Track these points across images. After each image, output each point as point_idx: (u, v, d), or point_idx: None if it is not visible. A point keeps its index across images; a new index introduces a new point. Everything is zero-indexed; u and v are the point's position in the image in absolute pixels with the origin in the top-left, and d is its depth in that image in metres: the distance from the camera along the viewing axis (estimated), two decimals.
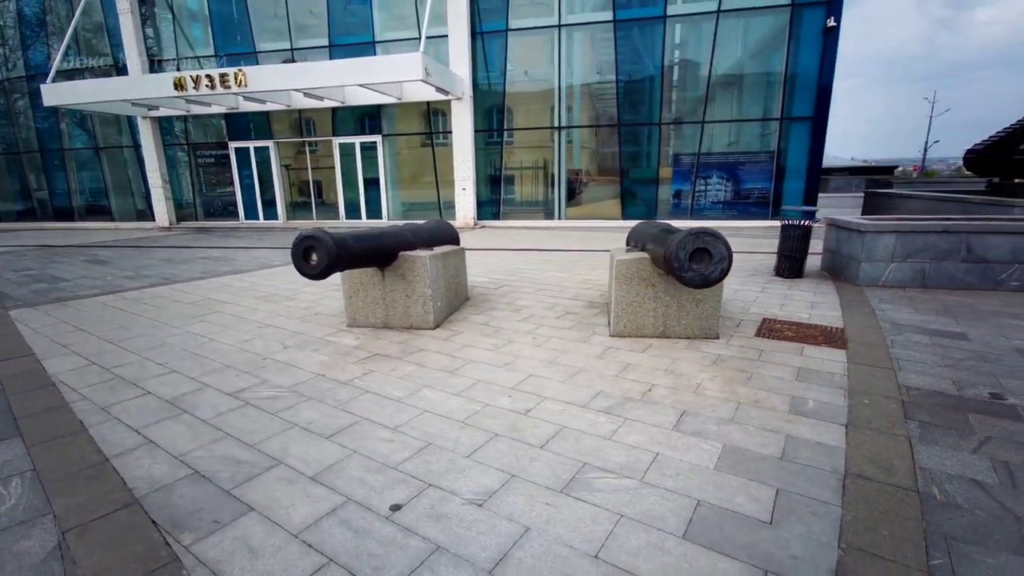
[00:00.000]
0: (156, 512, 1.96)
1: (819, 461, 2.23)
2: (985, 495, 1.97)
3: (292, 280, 6.70)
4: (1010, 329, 4.06)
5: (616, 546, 1.74)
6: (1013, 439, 2.38)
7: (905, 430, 2.49)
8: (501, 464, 2.26)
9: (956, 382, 3.05)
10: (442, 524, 1.87)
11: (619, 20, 12.34)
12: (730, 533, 1.79)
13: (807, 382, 3.08)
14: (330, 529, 1.85)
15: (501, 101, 13.39)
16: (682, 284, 2.99)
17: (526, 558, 1.69)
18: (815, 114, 11.90)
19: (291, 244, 3.49)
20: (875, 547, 1.71)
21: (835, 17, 11.30)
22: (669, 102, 12.77)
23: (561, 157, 13.51)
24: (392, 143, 14.55)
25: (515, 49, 13.11)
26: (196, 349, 3.94)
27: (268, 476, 2.20)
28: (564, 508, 1.95)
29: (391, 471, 2.22)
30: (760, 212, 12.81)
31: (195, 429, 2.64)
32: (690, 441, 2.42)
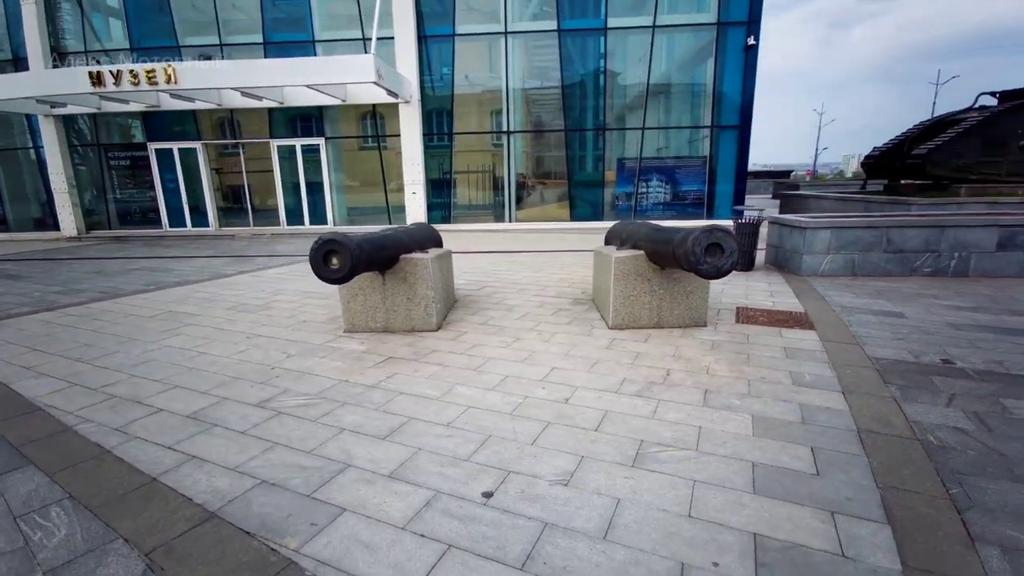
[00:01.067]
0: (243, 522, 1.91)
1: (834, 422, 2.59)
2: (969, 438, 2.42)
3: (258, 289, 6.38)
4: (935, 307, 4.81)
5: (702, 506, 1.95)
6: (972, 394, 2.89)
7: (889, 392, 2.94)
8: (567, 448, 2.41)
9: (912, 352, 3.60)
10: (539, 504, 1.99)
11: (563, 30, 12.84)
12: (790, 486, 2.06)
13: (796, 359, 3.50)
14: (434, 519, 1.91)
15: (449, 105, 13.43)
16: (698, 276, 3.30)
17: (630, 523, 1.86)
18: (740, 123, 13.09)
19: (311, 249, 3.41)
20: (904, 484, 2.06)
21: (754, 36, 12.52)
22: (611, 109, 13.45)
23: (510, 161, 13.78)
24: (336, 146, 14.08)
25: (462, 54, 13.21)
26: (189, 363, 3.70)
27: (343, 479, 2.19)
28: (642, 479, 2.13)
29: (465, 463, 2.30)
30: (696, 212, 13.83)
31: (237, 441, 2.53)
32: (722, 415, 2.70)
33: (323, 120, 13.71)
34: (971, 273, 6.27)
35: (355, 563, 1.70)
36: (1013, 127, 11.04)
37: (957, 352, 3.58)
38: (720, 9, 12.52)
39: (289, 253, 10.09)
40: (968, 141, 11.26)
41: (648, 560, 1.68)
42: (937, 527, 1.81)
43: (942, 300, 5.10)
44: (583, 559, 1.69)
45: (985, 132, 11.18)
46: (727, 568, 1.64)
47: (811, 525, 1.83)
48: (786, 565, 1.64)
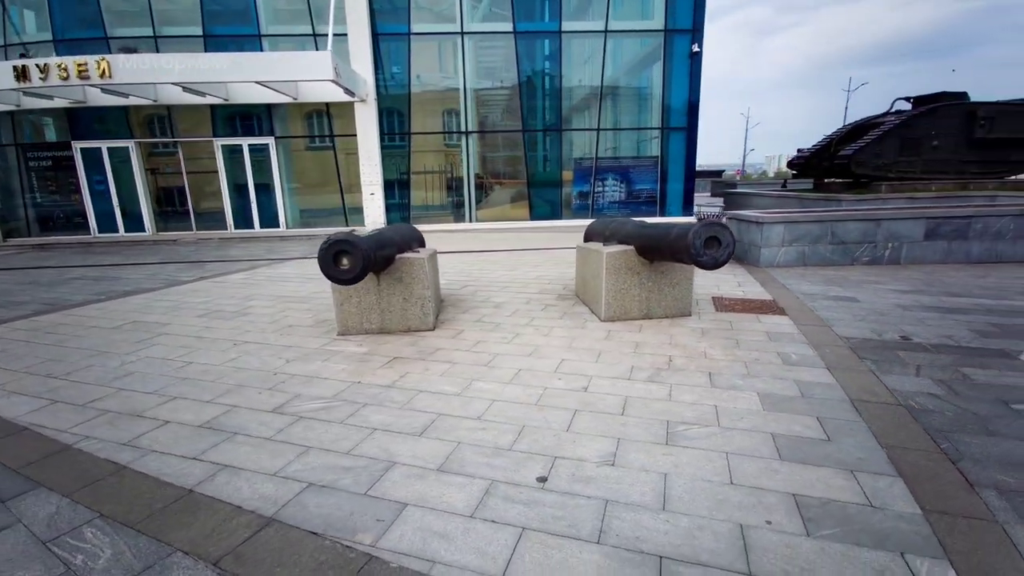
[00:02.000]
0: (306, 524, 1.89)
1: (829, 394, 2.88)
2: (943, 402, 2.77)
3: (227, 296, 6.08)
4: (881, 292, 5.36)
5: (740, 474, 2.14)
6: (934, 364, 3.29)
7: (865, 367, 3.28)
8: (600, 432, 2.53)
9: (874, 331, 4.03)
10: (594, 484, 2.10)
11: (519, 32, 13.02)
12: (809, 452, 2.29)
13: (779, 342, 3.82)
14: (498, 506, 1.97)
15: (406, 105, 13.26)
16: (697, 267, 3.53)
17: (682, 495, 2.01)
18: (688, 125, 13.82)
19: (319, 249, 3.32)
20: (902, 443, 2.34)
21: (698, 44, 13.26)
22: (567, 110, 13.79)
23: (469, 161, 13.80)
24: (287, 145, 13.53)
25: (418, 53, 13.09)
26: (179, 373, 3.51)
27: (393, 476, 2.20)
28: (680, 455, 2.29)
29: (509, 453, 2.37)
30: (650, 210, 14.44)
31: (266, 448, 2.46)
32: (731, 394, 2.93)
33: (272, 118, 13.12)
34: (903, 261, 7.01)
35: (436, 552, 1.73)
36: (926, 129, 12.36)
37: (911, 330, 4.03)
38: (667, 17, 13.15)
39: (246, 258, 9.61)
40: (887, 142, 12.49)
41: (710, 524, 1.83)
42: (939, 477, 2.09)
43: (885, 285, 5.69)
44: (651, 529, 1.82)
45: (902, 134, 12.45)
46: (779, 525, 1.82)
47: (838, 483, 2.06)
48: (828, 518, 1.85)
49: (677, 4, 13.06)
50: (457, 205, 14.24)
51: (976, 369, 3.19)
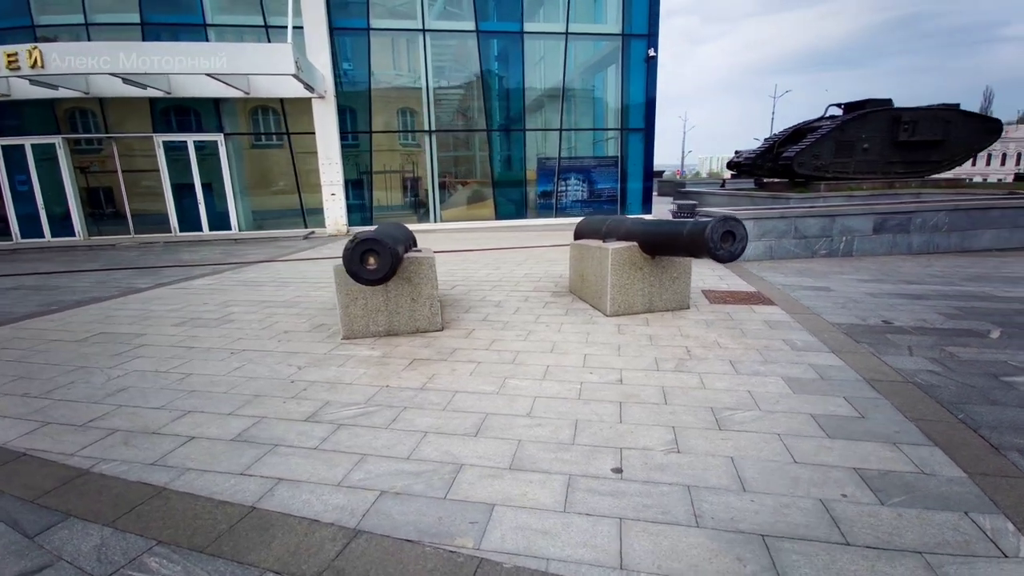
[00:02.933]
0: (397, 532, 1.81)
1: (844, 376, 3.10)
2: (943, 378, 3.05)
3: (197, 303, 5.67)
4: (848, 282, 5.81)
5: (799, 453, 2.26)
6: (921, 345, 3.62)
7: (864, 349, 3.56)
8: (653, 422, 2.60)
9: (858, 317, 4.37)
10: (669, 471, 2.15)
11: (481, 31, 12.99)
12: (851, 428, 2.46)
13: (779, 330, 4.06)
14: (586, 499, 1.98)
15: (367, 102, 12.88)
16: (714, 260, 3.67)
17: (755, 474, 2.10)
18: (645, 126, 14.32)
19: (345, 248, 3.16)
20: (925, 416, 2.57)
21: (654, 48, 13.77)
22: (530, 110, 13.91)
23: (433, 160, 13.61)
24: (238, 143, 12.78)
25: (379, 49, 12.76)
26: (181, 386, 3.25)
27: (466, 477, 2.15)
28: (736, 439, 2.40)
29: (573, 447, 2.38)
30: (611, 209, 14.84)
31: (318, 458, 2.34)
32: (758, 380, 3.08)
33: (221, 114, 12.34)
34: (855, 253, 7.63)
35: (544, 548, 1.72)
36: (857, 133, 13.49)
37: (888, 315, 4.41)
38: (624, 22, 13.57)
39: (203, 262, 8.98)
40: (824, 145, 13.53)
41: (793, 501, 1.93)
42: (968, 444, 2.31)
43: (849, 276, 6.17)
44: (742, 509, 1.89)
45: (837, 137, 13.52)
46: (854, 497, 1.95)
47: (887, 455, 2.23)
48: (894, 487, 2.00)
49: (633, 10, 13.50)
50: (421, 205, 14.01)
51: (958, 348, 3.54)
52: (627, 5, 13.43)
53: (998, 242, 7.92)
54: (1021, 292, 5.17)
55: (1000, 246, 7.92)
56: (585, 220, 5.86)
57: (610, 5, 13.69)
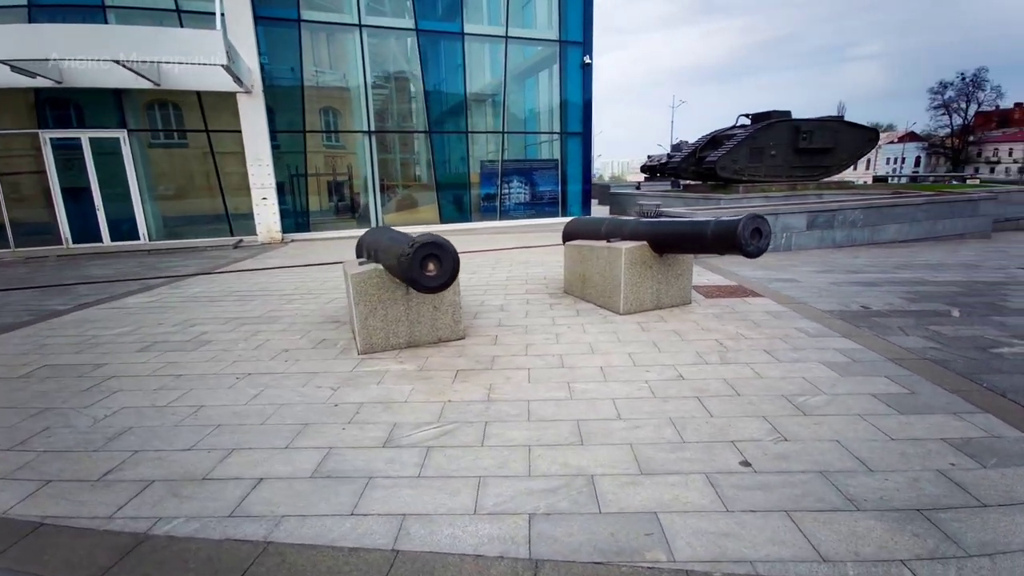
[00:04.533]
0: (580, 555, 1.68)
1: (870, 357, 3.40)
2: (946, 353, 3.47)
3: (151, 324, 4.91)
4: (806, 274, 6.42)
5: (888, 430, 2.44)
6: (907, 326, 4.09)
7: (868, 332, 3.95)
8: (740, 413, 2.66)
9: (839, 304, 4.84)
10: (792, 459, 2.21)
11: (420, 30, 12.64)
12: (912, 404, 2.71)
13: (784, 319, 4.38)
14: (740, 495, 1.97)
15: (299, 100, 11.97)
16: (744, 256, 3.85)
17: (868, 454, 2.23)
18: (583, 130, 14.80)
19: (403, 253, 2.86)
20: (960, 387, 2.89)
21: (589, 56, 14.29)
22: (472, 112, 13.78)
23: (374, 162, 12.98)
24: (144, 141, 11.26)
25: (311, 43, 11.93)
26: (199, 421, 2.78)
27: (605, 487, 2.05)
28: (827, 423, 2.53)
29: (688, 445, 2.37)
30: (552, 211, 15.15)
31: (430, 486, 2.11)
32: (801, 366, 3.29)
33: (124, 108, 10.80)
34: (793, 248, 8.46)
35: (737, 551, 1.69)
36: (766, 141, 15.01)
37: (861, 300, 4.94)
38: (560, 29, 13.93)
39: (121, 277, 7.78)
40: (740, 151, 14.89)
41: (917, 475, 2.08)
42: (1005, 407, 2.64)
43: (801, 268, 6.82)
44: (881, 487, 2.00)
45: (749, 144, 14.94)
46: (960, 464, 2.14)
47: (956, 424, 2.48)
48: (982, 451, 2.22)
49: (568, 18, 13.91)
50: (361, 209, 13.30)
51: (937, 327, 4.05)
52: (563, 13, 13.80)
53: (900, 235, 9.22)
54: (946, 276, 6.05)
55: (902, 238, 9.22)
56: (576, 221, 5.92)
57: (547, 12, 13.98)
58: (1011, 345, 3.60)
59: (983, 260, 7.40)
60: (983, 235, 10.21)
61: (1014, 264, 6.99)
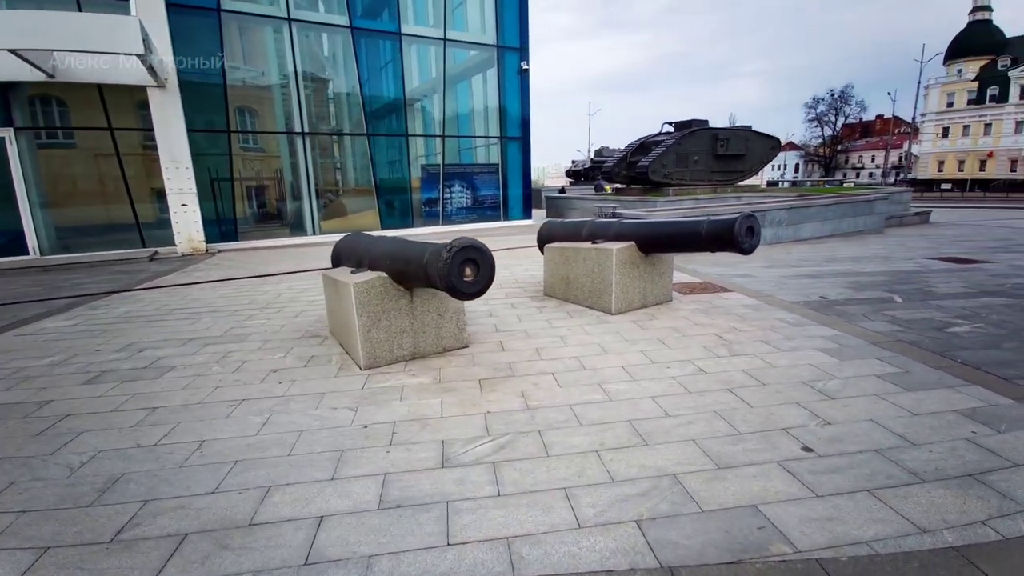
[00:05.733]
0: (706, 559, 1.66)
1: (856, 343, 3.73)
2: (913, 334, 3.89)
3: (93, 350, 4.23)
4: (755, 269, 6.94)
5: (907, 406, 2.68)
6: (866, 312, 4.54)
7: (840, 320, 4.33)
8: (776, 401, 2.80)
9: (800, 295, 5.27)
10: (846, 441, 2.36)
11: (356, 27, 12.09)
12: (912, 381, 3.00)
13: (761, 311, 4.68)
14: (821, 480, 2.06)
15: (222, 97, 10.94)
16: (739, 252, 4.05)
17: (904, 430, 2.43)
18: (522, 135, 14.97)
19: (440, 258, 2.65)
20: (941, 364, 3.25)
21: (526, 62, 14.49)
22: (413, 115, 13.42)
23: (308, 166, 12.20)
24: (34, 141, 9.69)
25: (235, 37, 10.97)
26: (209, 458, 2.41)
27: (693, 486, 2.05)
28: (854, 404, 2.73)
29: (746, 437, 2.44)
30: (494, 215, 15.15)
31: (520, 505, 1.98)
32: (803, 354, 3.53)
33: (10, 103, 9.22)
34: None
35: (852, 533, 1.76)
36: (689, 147, 16.10)
37: (817, 292, 5.42)
38: (498, 34, 14.00)
39: (22, 298, 6.61)
40: (668, 156, 15.85)
41: (953, 445, 2.29)
42: (986, 379, 3.01)
43: (749, 264, 7.37)
44: (930, 459, 2.18)
45: (676, 150, 15.96)
46: (980, 432, 2.40)
47: (957, 396, 2.78)
48: (991, 418, 2.51)
49: (505, 23, 14.03)
50: (295, 216, 12.43)
51: (892, 312, 4.55)
52: (500, 19, 13.88)
53: (816, 232, 10.28)
54: (870, 268, 6.83)
55: (817, 235, 10.29)
56: (552, 224, 5.94)
57: (485, 17, 13.99)
58: (959, 325, 4.14)
59: (891, 252, 8.46)
60: (878, 231, 11.68)
61: (918, 255, 8.07)
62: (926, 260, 7.54)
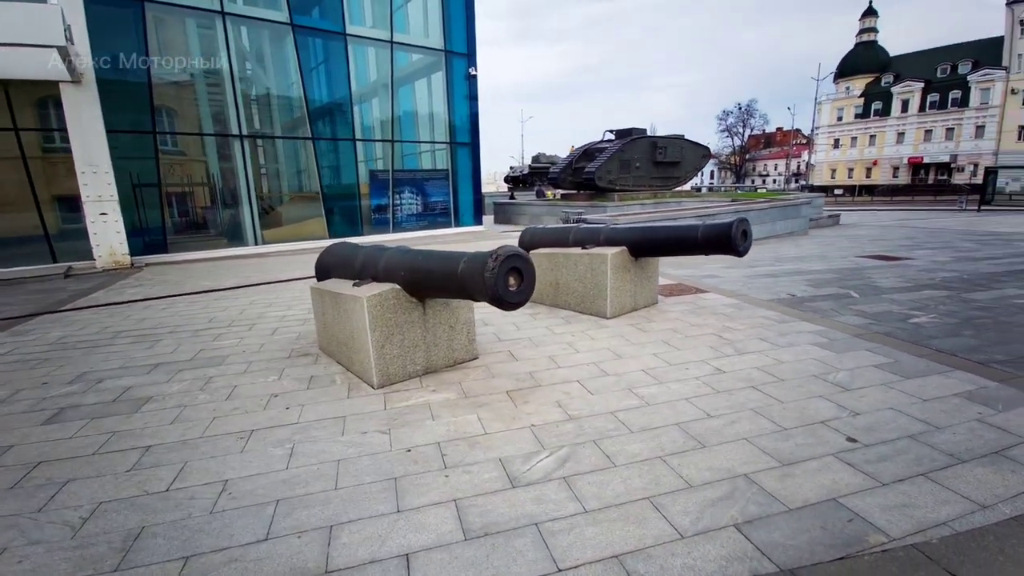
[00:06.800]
0: (811, 557, 1.70)
1: (841, 336, 4.02)
2: (882, 325, 4.27)
3: (38, 383, 3.63)
4: (717, 270, 7.33)
5: (914, 392, 2.92)
6: (834, 307, 4.93)
7: (817, 316, 4.67)
8: (800, 396, 2.94)
9: (769, 293, 5.63)
10: (881, 430, 2.52)
11: (297, 25, 11.45)
12: (903, 370, 3.28)
13: (745, 310, 4.94)
14: (882, 468, 2.19)
15: (147, 95, 9.91)
16: (735, 255, 4.22)
17: (922, 415, 2.65)
18: (472, 140, 14.88)
19: (487, 267, 2.49)
20: (921, 353, 3.59)
21: (474, 67, 14.45)
22: (360, 119, 12.91)
23: (247, 171, 11.34)
24: None
25: (162, 30, 9.99)
26: (239, 500, 2.14)
27: (767, 483, 2.11)
28: (871, 394, 2.93)
29: (792, 433, 2.54)
30: (445, 221, 14.92)
31: (608, 522, 1.93)
32: (800, 349, 3.76)
33: None
34: None
35: (921, 518, 1.87)
36: (632, 154, 16.79)
37: (782, 290, 5.82)
38: (445, 39, 13.84)
39: None
40: (612, 163, 16.42)
41: (968, 427, 2.53)
42: (967, 364, 3.36)
43: (710, 266, 7.78)
44: (957, 440, 2.39)
45: (619, 157, 16.58)
46: (984, 413, 2.66)
47: (949, 382, 3.07)
48: (987, 399, 2.80)
49: (452, 29, 13.91)
50: (234, 225, 11.50)
51: (856, 306, 4.97)
52: (447, 24, 13.75)
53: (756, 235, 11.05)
54: (816, 266, 7.45)
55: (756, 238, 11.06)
56: (533, 231, 5.92)
57: (431, 22, 13.78)
58: (917, 316, 4.60)
59: (824, 252, 9.29)
60: (803, 233, 12.79)
61: (849, 254, 8.93)
62: (857, 258, 8.36)
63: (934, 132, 47.55)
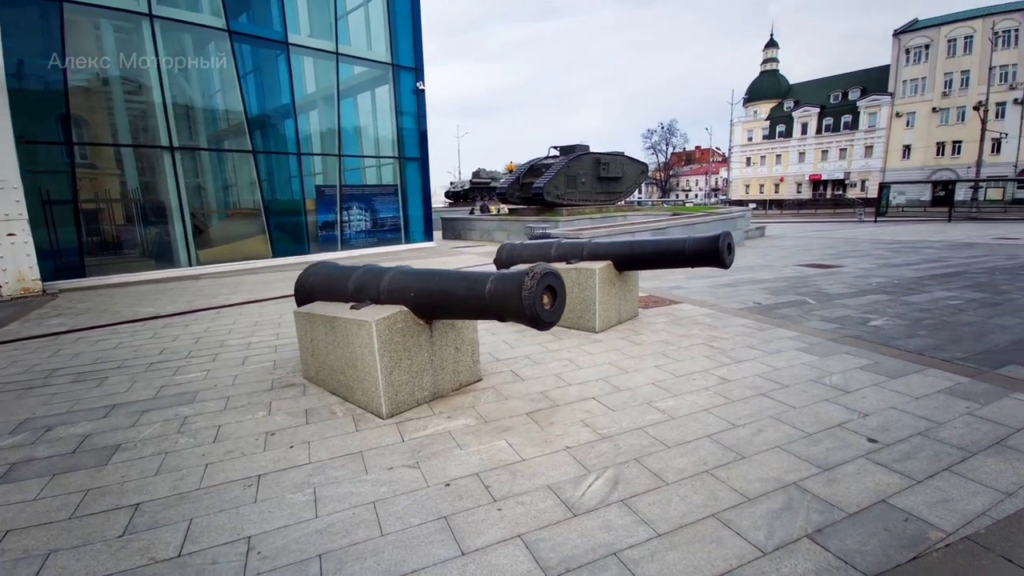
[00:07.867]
0: (870, 565, 1.76)
1: (818, 341, 4.30)
2: (851, 329, 4.61)
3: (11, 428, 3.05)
4: (681, 281, 7.65)
5: (908, 391, 3.16)
6: (799, 313, 5.28)
7: (789, 322, 4.96)
8: (808, 401, 3.09)
9: (738, 303, 5.93)
10: (896, 430, 2.69)
11: (234, 31, 10.77)
12: (885, 370, 3.54)
13: (722, 319, 5.17)
14: (912, 466, 2.32)
15: (62, 102, 8.87)
16: (720, 268, 4.38)
17: (925, 412, 2.86)
18: (420, 155, 14.66)
19: (523, 286, 2.37)
20: (896, 354, 3.91)
21: (421, 82, 14.30)
22: (305, 133, 12.32)
23: (180, 185, 10.40)
24: None
25: (81, 32, 9.01)
26: (277, 556, 1.89)
27: (817, 490, 2.17)
28: (874, 395, 3.14)
29: (815, 439, 2.65)
30: (395, 238, 14.52)
31: (685, 544, 1.89)
32: (790, 355, 3.97)
33: None
34: None
35: (963, 509, 2.00)
36: (577, 170, 17.26)
37: (747, 299, 6.16)
38: (392, 52, 13.61)
39: None
40: (559, 178, 16.78)
41: (964, 421, 2.76)
42: (936, 363, 3.69)
43: (673, 277, 8.10)
44: (960, 435, 2.60)
45: (565, 173, 16.97)
46: (971, 407, 2.92)
47: (930, 379, 3.35)
48: (967, 394, 3.08)
49: (399, 42, 13.71)
50: (164, 245, 10.49)
51: (818, 312, 5.35)
52: (394, 37, 13.53)
53: None
54: (767, 275, 7.97)
55: None
56: (511, 247, 5.86)
57: (375, 35, 13.51)
58: (874, 319, 5.02)
59: (767, 262, 9.98)
60: (740, 244, 13.69)
61: (788, 263, 9.65)
62: (797, 267, 9.06)
63: (830, 152, 53.03)
